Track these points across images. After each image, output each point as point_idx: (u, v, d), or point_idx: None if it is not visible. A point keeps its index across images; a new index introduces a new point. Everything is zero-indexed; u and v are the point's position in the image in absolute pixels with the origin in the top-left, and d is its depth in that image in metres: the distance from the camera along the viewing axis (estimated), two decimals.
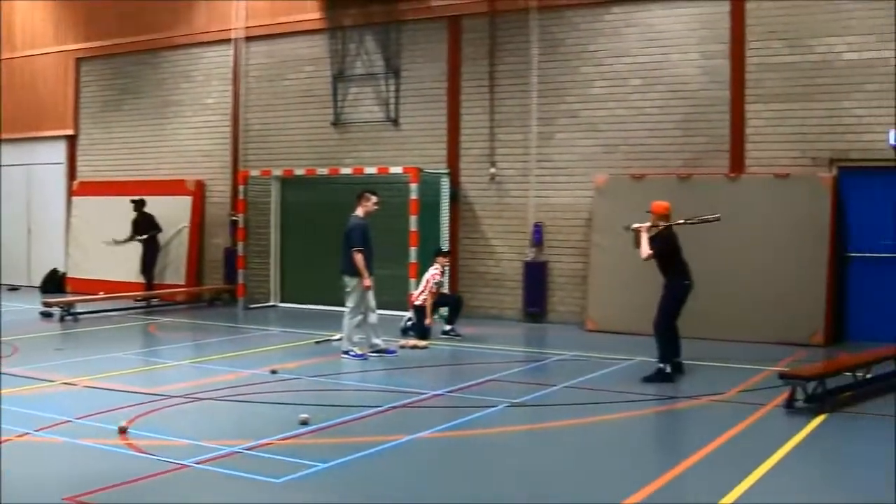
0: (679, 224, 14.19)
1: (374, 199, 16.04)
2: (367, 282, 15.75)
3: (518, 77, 20.89)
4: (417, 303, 17.85)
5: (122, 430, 10.23)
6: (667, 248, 13.92)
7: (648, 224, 14.05)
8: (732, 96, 18.72)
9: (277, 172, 23.10)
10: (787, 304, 17.52)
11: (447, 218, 21.35)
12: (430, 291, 17.75)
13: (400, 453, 9.73)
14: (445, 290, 19.75)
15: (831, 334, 17.48)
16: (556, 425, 11.16)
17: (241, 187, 23.18)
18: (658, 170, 19.26)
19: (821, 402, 11.80)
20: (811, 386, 11.86)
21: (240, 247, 23.15)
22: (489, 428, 10.94)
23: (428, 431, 10.54)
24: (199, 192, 25.06)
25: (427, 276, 18.00)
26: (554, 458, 9.71)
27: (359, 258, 15.66)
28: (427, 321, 17.54)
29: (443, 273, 18.10)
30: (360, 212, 15.98)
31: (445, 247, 17.90)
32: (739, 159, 18.62)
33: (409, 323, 18.03)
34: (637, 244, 14.09)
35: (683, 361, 14.15)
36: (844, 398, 12.34)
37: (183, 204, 25.02)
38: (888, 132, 17.37)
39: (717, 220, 14.42)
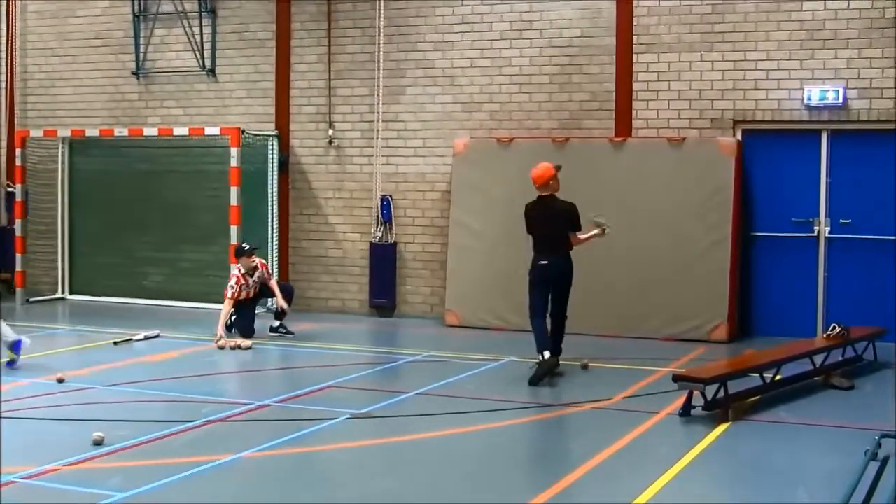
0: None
1: None
2: None
3: (361, 19, 20.77)
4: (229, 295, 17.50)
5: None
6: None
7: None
8: (618, 45, 18.95)
9: (65, 133, 22.60)
10: (683, 293, 17.85)
11: (276, 190, 21.22)
12: (230, 297, 17.41)
13: (219, 477, 9.62)
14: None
15: (735, 328, 17.89)
16: (407, 439, 11.20)
17: (18, 151, 22.64)
18: (529, 132, 19.43)
19: (722, 408, 12.03)
20: (711, 390, 12.09)
21: (17, 225, 22.62)
22: (327, 444, 10.91)
23: (253, 450, 10.44)
24: None
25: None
26: (405, 480, 9.73)
27: None
28: (217, 336, 17.06)
29: (248, 276, 17.55)
30: None
31: (248, 244, 17.33)
32: (626, 121, 18.88)
33: (232, 318, 17.86)
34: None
35: (560, 361, 14.34)
36: (750, 404, 12.65)
37: None
38: (803, 90, 17.82)
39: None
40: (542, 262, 14.39)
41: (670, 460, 10.20)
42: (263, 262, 17.75)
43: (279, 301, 17.45)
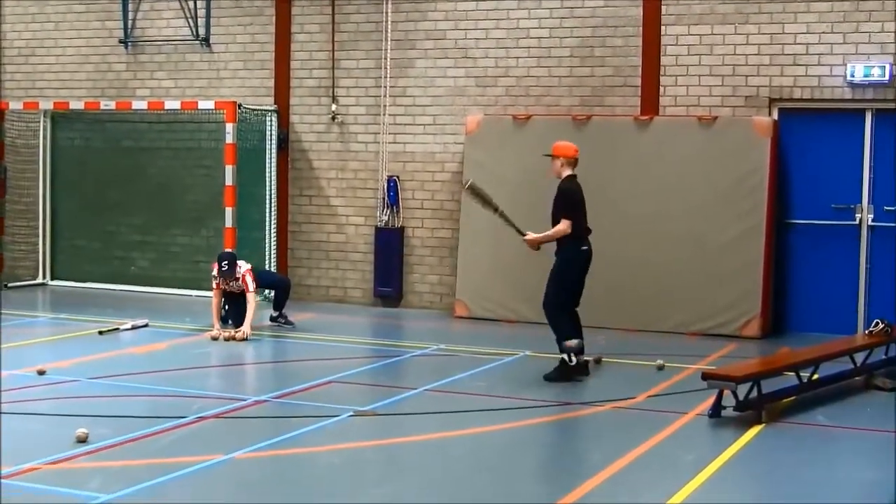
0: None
1: None
2: None
3: None
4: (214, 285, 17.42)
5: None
6: (571, 203, 14.05)
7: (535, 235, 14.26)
8: (645, 16, 18.89)
9: (47, 105, 22.57)
10: (712, 286, 17.81)
11: (274, 170, 21.20)
12: (215, 287, 17.31)
13: (209, 479, 9.64)
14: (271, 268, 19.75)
15: (769, 324, 17.88)
16: (413, 440, 11.22)
17: None
18: (548, 110, 19.38)
19: (755, 409, 12.02)
20: (743, 389, 12.06)
21: None
22: (327, 444, 10.91)
23: (247, 450, 10.46)
24: None
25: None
26: (409, 484, 9.75)
27: None
28: (214, 330, 17.13)
29: (225, 278, 17.51)
30: None
31: (227, 263, 17.10)
32: (653, 98, 18.82)
33: (226, 308, 17.84)
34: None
35: (586, 358, 14.25)
36: (785, 405, 12.64)
37: None
38: (846, 65, 17.74)
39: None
40: (584, 248, 14.09)
41: (698, 465, 10.19)
42: (249, 270, 17.39)
43: (245, 324, 16.84)
